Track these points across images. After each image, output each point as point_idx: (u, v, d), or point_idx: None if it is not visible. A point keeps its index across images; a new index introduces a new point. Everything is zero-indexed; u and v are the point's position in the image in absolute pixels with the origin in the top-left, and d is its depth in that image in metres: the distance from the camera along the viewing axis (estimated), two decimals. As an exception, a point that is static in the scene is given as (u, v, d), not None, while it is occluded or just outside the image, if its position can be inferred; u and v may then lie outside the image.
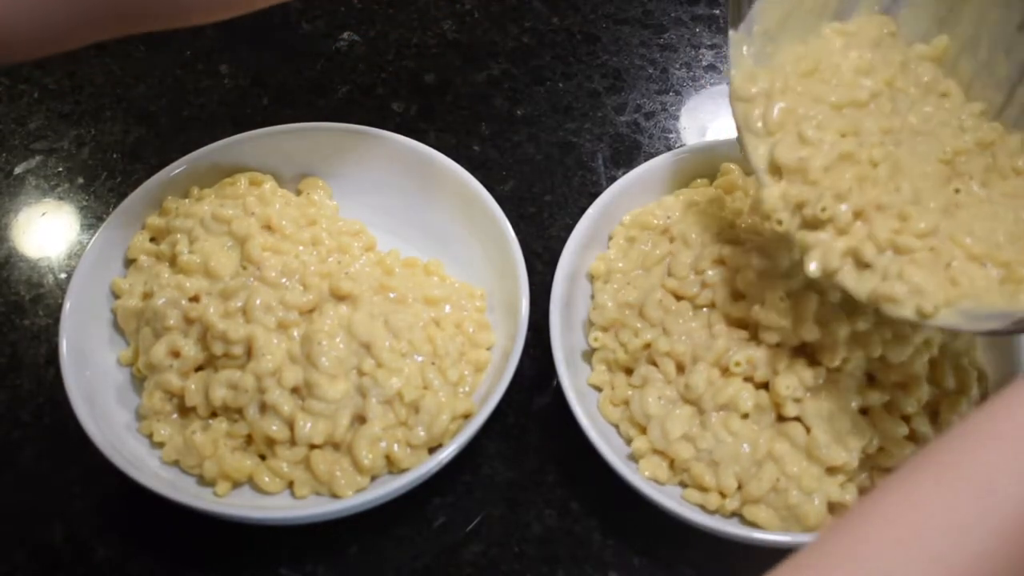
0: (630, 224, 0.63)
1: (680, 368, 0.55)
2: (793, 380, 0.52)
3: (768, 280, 0.54)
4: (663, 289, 0.58)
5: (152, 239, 0.63)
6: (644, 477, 0.54)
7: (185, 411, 0.57)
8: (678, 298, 0.58)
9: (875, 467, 0.53)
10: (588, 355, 0.60)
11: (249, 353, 0.56)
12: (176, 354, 0.57)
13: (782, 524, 0.53)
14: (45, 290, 0.69)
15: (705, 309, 0.57)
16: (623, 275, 0.60)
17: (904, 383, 0.53)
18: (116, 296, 0.62)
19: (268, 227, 0.61)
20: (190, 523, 0.56)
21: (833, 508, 0.53)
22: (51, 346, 0.65)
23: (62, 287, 0.68)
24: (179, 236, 0.61)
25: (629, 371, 0.58)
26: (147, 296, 0.60)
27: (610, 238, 0.63)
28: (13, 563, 0.58)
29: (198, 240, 0.60)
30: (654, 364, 0.56)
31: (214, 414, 0.57)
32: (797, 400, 0.53)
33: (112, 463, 0.54)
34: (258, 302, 0.56)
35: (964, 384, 0.55)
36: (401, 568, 0.57)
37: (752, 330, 0.55)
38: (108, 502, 0.59)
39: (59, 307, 0.60)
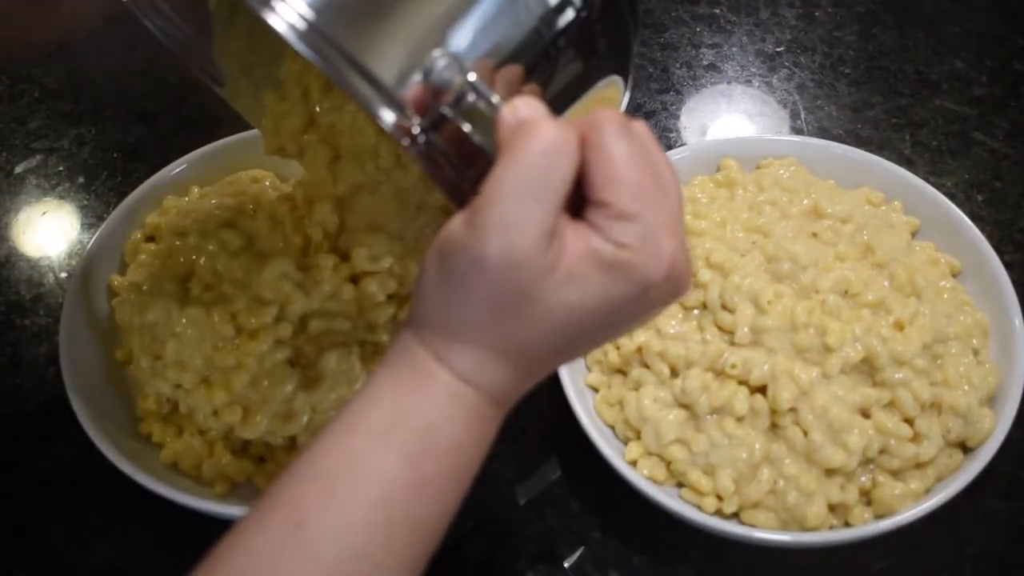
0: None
1: (673, 371, 0.55)
2: (793, 389, 0.52)
3: None
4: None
5: (151, 238, 0.63)
6: (643, 476, 0.54)
7: (181, 413, 0.57)
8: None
9: (878, 468, 0.53)
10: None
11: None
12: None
13: (782, 526, 0.52)
14: (45, 289, 0.69)
15: (696, 311, 0.57)
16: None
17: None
18: (115, 295, 0.62)
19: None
20: (190, 523, 0.56)
21: (834, 509, 0.53)
22: (51, 345, 0.65)
23: (63, 286, 0.68)
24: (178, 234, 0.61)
25: (623, 372, 0.58)
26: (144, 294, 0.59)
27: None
28: (13, 563, 0.58)
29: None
30: (647, 367, 0.56)
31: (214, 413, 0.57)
32: (792, 410, 0.53)
33: (112, 463, 0.54)
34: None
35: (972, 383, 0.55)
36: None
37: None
38: (108, 502, 0.59)
39: (59, 306, 0.60)
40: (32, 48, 0.58)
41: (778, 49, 0.80)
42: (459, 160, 0.35)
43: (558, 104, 0.37)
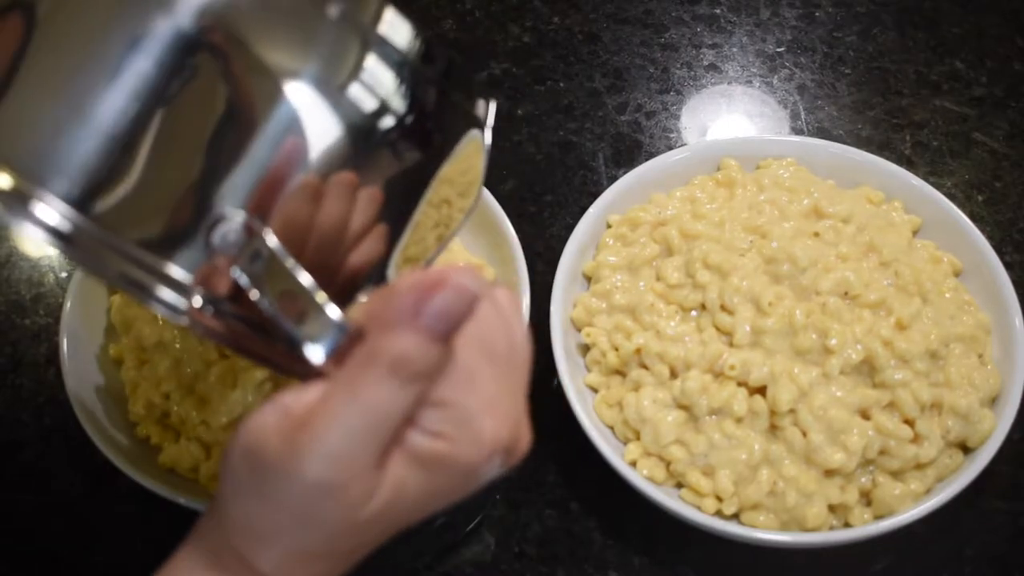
0: (620, 223, 0.63)
1: (673, 372, 0.55)
2: (793, 390, 0.52)
3: None
4: (653, 293, 0.58)
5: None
6: (643, 476, 0.54)
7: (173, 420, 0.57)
8: (667, 302, 0.58)
9: (878, 468, 0.53)
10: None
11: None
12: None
13: (782, 526, 0.52)
14: (46, 289, 0.69)
15: (694, 312, 0.57)
16: (611, 275, 0.60)
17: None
18: (113, 292, 0.61)
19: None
20: (190, 523, 0.55)
21: (834, 509, 0.53)
22: (51, 345, 0.65)
23: (63, 286, 0.68)
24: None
25: (622, 373, 0.58)
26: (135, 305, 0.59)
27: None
28: (14, 563, 0.58)
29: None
30: (645, 368, 0.56)
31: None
32: (791, 411, 0.53)
33: (112, 463, 0.54)
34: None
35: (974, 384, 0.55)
36: (401, 568, 0.57)
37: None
38: (108, 502, 0.59)
39: (59, 306, 0.60)
40: None
41: (778, 49, 0.80)
42: (267, 324, 0.31)
43: (410, 193, 0.35)
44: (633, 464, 0.55)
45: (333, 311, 0.31)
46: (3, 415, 0.63)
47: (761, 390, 0.53)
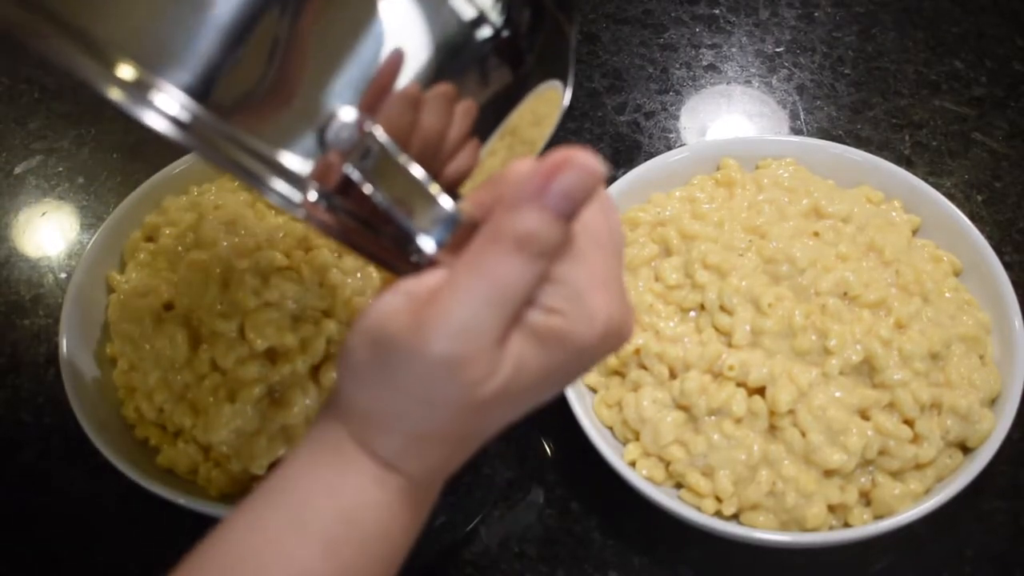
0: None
1: (672, 373, 0.55)
2: (792, 391, 0.52)
3: None
4: (652, 294, 0.58)
5: (150, 238, 0.63)
6: (643, 477, 0.54)
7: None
8: (666, 302, 0.58)
9: (878, 469, 0.53)
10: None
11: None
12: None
13: (781, 527, 0.52)
14: (45, 290, 0.69)
15: (693, 312, 0.57)
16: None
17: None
18: (111, 290, 0.61)
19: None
20: (190, 523, 0.55)
21: (834, 509, 0.53)
22: (51, 346, 0.65)
23: (62, 287, 0.68)
24: (176, 230, 0.61)
25: (621, 374, 0.58)
26: (141, 295, 0.59)
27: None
28: (14, 563, 0.58)
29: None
30: (645, 368, 0.56)
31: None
32: (791, 411, 0.53)
33: (112, 463, 0.54)
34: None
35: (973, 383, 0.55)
36: (401, 568, 0.57)
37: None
38: (108, 502, 0.59)
39: (59, 307, 0.60)
40: None
41: (778, 50, 0.80)
42: (376, 219, 0.32)
43: (493, 113, 0.35)
44: (633, 464, 0.55)
45: (446, 201, 0.32)
46: (3, 415, 0.63)
47: (760, 390, 0.53)
